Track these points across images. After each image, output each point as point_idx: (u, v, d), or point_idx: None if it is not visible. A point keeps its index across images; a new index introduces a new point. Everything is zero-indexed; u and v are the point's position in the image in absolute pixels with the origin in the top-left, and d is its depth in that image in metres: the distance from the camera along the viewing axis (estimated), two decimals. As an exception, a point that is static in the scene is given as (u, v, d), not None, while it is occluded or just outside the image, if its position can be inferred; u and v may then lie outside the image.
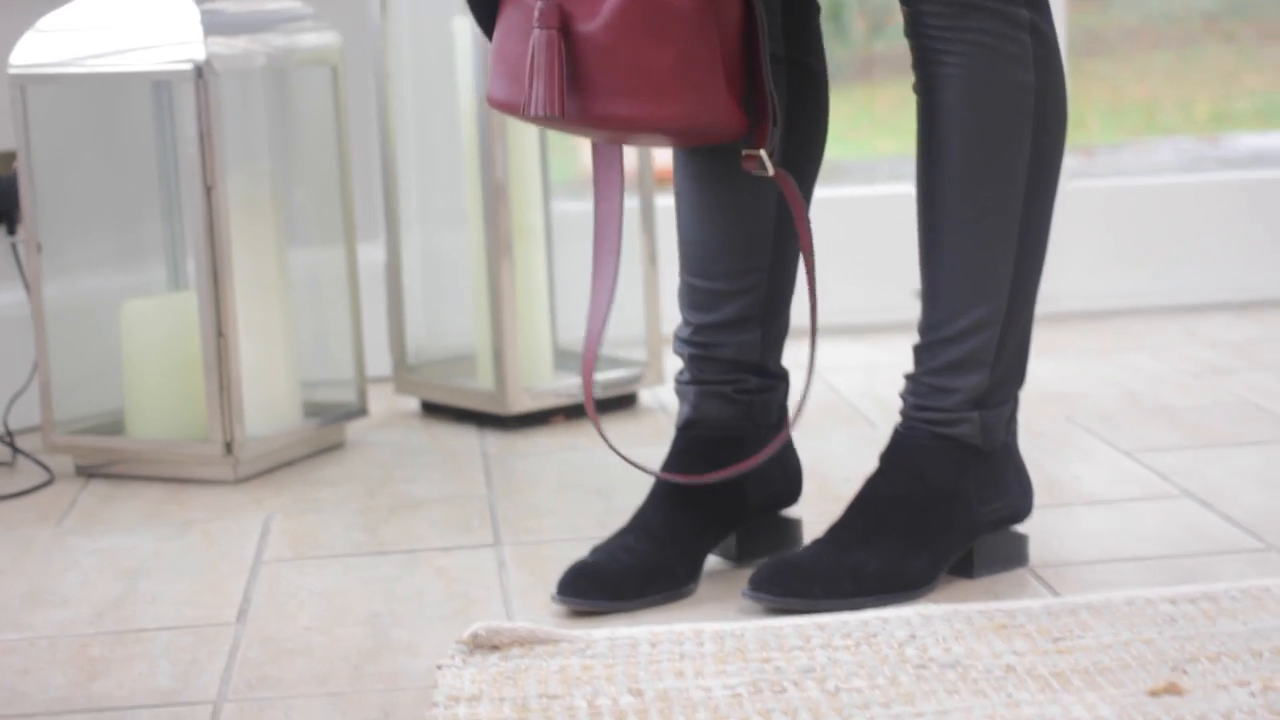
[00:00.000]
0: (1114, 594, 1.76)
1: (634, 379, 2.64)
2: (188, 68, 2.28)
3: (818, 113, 1.90)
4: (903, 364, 1.90)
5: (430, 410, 2.68)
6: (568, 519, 2.13)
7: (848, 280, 3.08)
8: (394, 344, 2.69)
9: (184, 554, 2.07)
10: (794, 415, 1.83)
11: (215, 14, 2.34)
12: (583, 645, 1.69)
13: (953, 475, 1.82)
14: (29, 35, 2.39)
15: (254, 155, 2.43)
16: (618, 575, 1.81)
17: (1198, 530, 2.00)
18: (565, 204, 2.74)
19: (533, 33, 1.69)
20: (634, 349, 2.66)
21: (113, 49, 2.34)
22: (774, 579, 1.78)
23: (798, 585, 1.77)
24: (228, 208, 2.31)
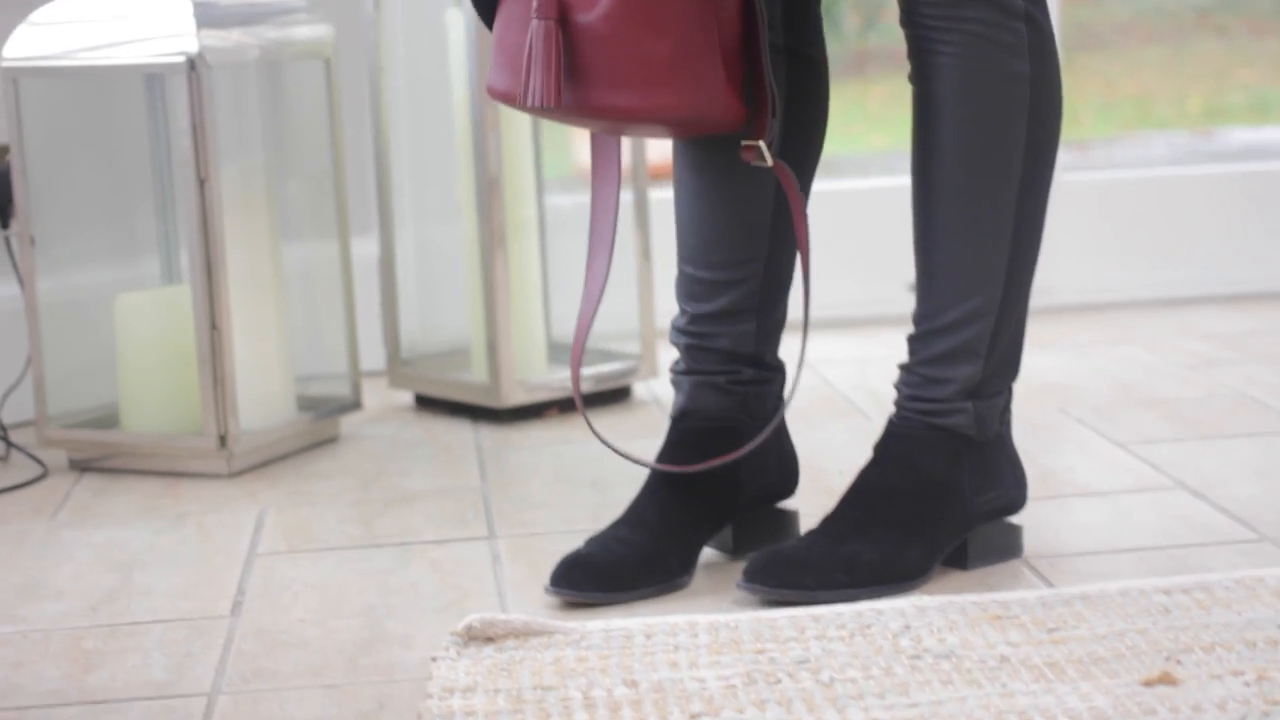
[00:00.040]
0: (1108, 585, 1.76)
1: (628, 372, 2.64)
2: (180, 60, 2.28)
3: (818, 104, 1.89)
4: (896, 357, 1.90)
5: (424, 404, 2.68)
6: (562, 512, 2.13)
7: (842, 273, 3.08)
8: (388, 338, 2.69)
9: (178, 547, 2.06)
10: (783, 406, 1.83)
11: (208, 7, 2.34)
12: (577, 637, 1.69)
13: (946, 466, 1.82)
14: (22, 28, 2.39)
15: (247, 148, 2.43)
16: (611, 567, 1.81)
17: (1191, 521, 2.00)
18: (559, 198, 2.73)
19: (531, 23, 1.69)
20: (628, 342, 2.66)
21: (106, 42, 2.33)
22: (768, 570, 1.78)
23: (792, 576, 1.77)
24: (221, 201, 2.31)
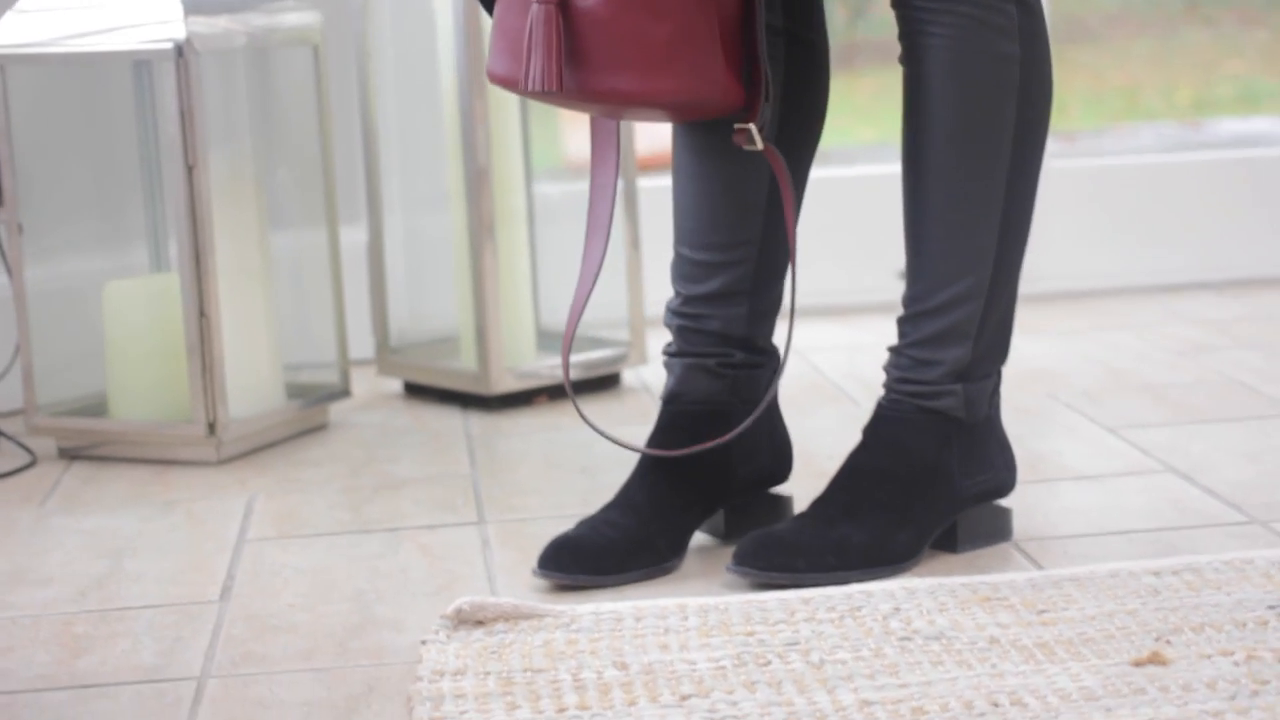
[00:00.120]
0: (1098, 567, 1.76)
1: (617, 359, 2.64)
2: (168, 47, 2.27)
3: (818, 89, 1.89)
4: (885, 344, 1.90)
5: (413, 391, 2.68)
6: (552, 497, 2.13)
7: (831, 260, 3.08)
8: (376, 326, 2.69)
9: (167, 533, 2.06)
10: (769, 390, 1.83)
11: (196, -7, 2.34)
12: (567, 620, 1.69)
13: (935, 448, 1.82)
14: (9, 15, 2.38)
15: (235, 136, 2.43)
16: (599, 549, 1.81)
17: (1181, 504, 2.00)
18: (548, 186, 2.73)
19: (531, 7, 1.69)
20: (617, 330, 2.66)
21: (93, 29, 2.33)
22: (758, 553, 1.78)
23: (781, 559, 1.77)
24: (209, 188, 2.31)
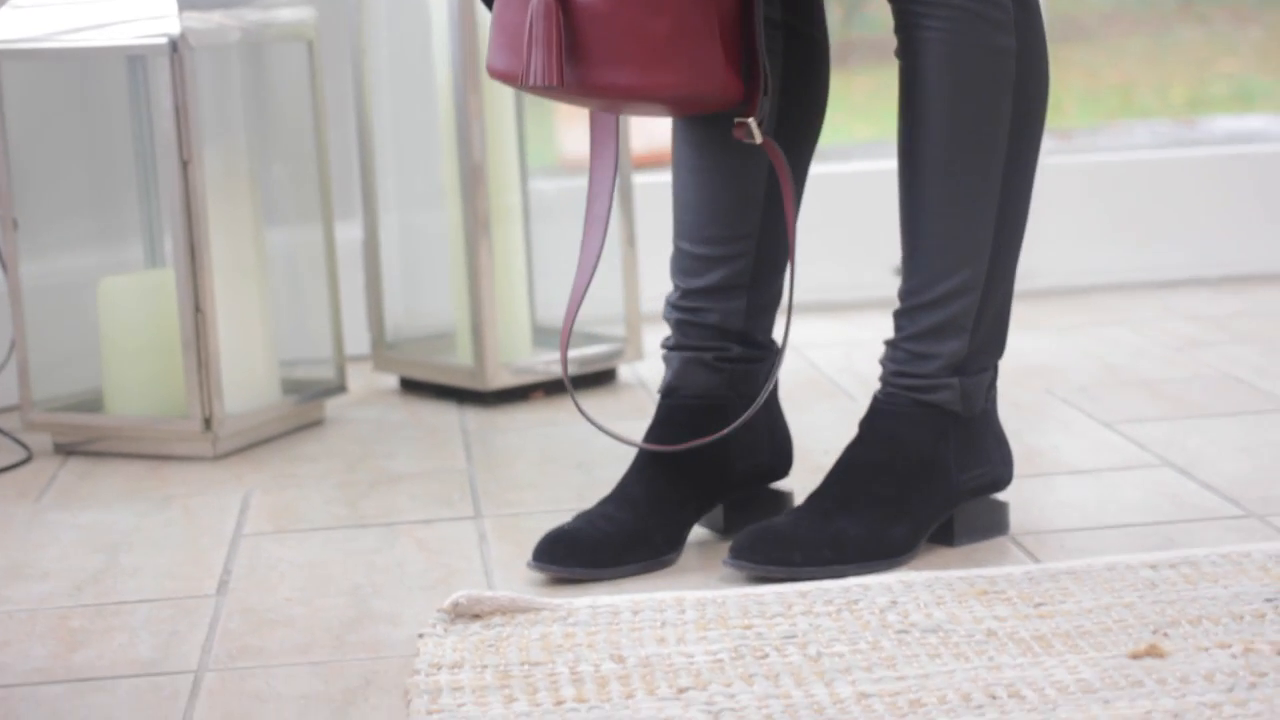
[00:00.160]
0: (1095, 560, 1.76)
1: (613, 354, 2.64)
2: (163, 42, 2.27)
3: (818, 84, 1.89)
4: (881, 340, 1.89)
5: (409, 387, 2.68)
6: (548, 492, 2.12)
7: (827, 257, 3.08)
8: (372, 322, 2.69)
9: (163, 528, 2.06)
10: (766, 385, 1.83)
11: (190, -11, 2.33)
12: (564, 613, 1.68)
13: (932, 442, 1.82)
14: (4, 11, 2.38)
15: (230, 131, 2.42)
16: (595, 543, 1.81)
17: (1177, 498, 2.00)
18: (543, 183, 2.73)
19: (531, 2, 1.69)
20: (613, 326, 2.66)
21: (87, 24, 2.33)
22: (755, 547, 1.78)
23: (778, 553, 1.77)
24: (204, 183, 2.31)
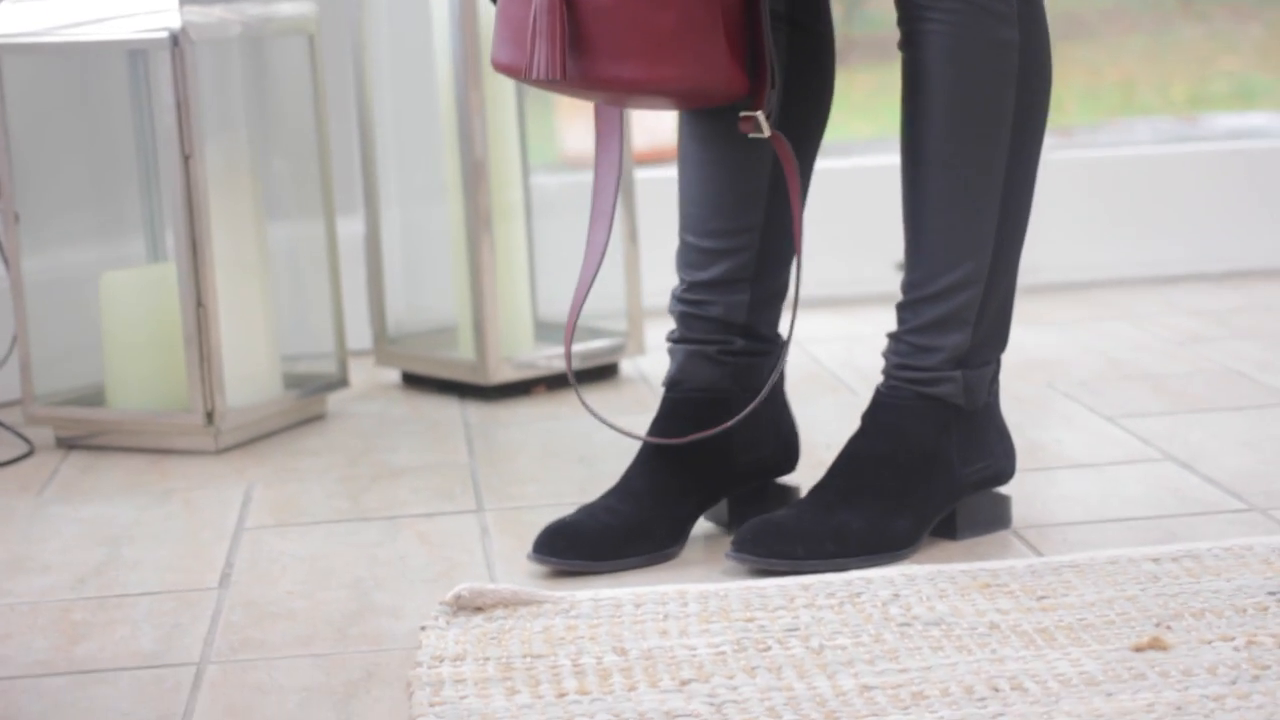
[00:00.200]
0: (1098, 553, 1.76)
1: (615, 349, 2.64)
2: (163, 36, 2.27)
3: (823, 78, 1.89)
4: (883, 335, 1.89)
5: (411, 381, 2.67)
6: (550, 485, 2.12)
7: (829, 252, 3.07)
8: (374, 316, 2.68)
9: (165, 522, 2.06)
10: (771, 379, 1.83)
11: (192, -18, 2.33)
12: (566, 606, 1.68)
13: (934, 435, 1.82)
14: (5, 5, 2.37)
15: (231, 125, 2.42)
16: (595, 535, 1.81)
17: (1180, 492, 2.00)
18: (545, 178, 2.73)
19: None
20: (615, 320, 2.66)
21: (89, 18, 2.32)
22: (757, 540, 1.77)
23: (781, 546, 1.77)
24: (206, 177, 2.30)
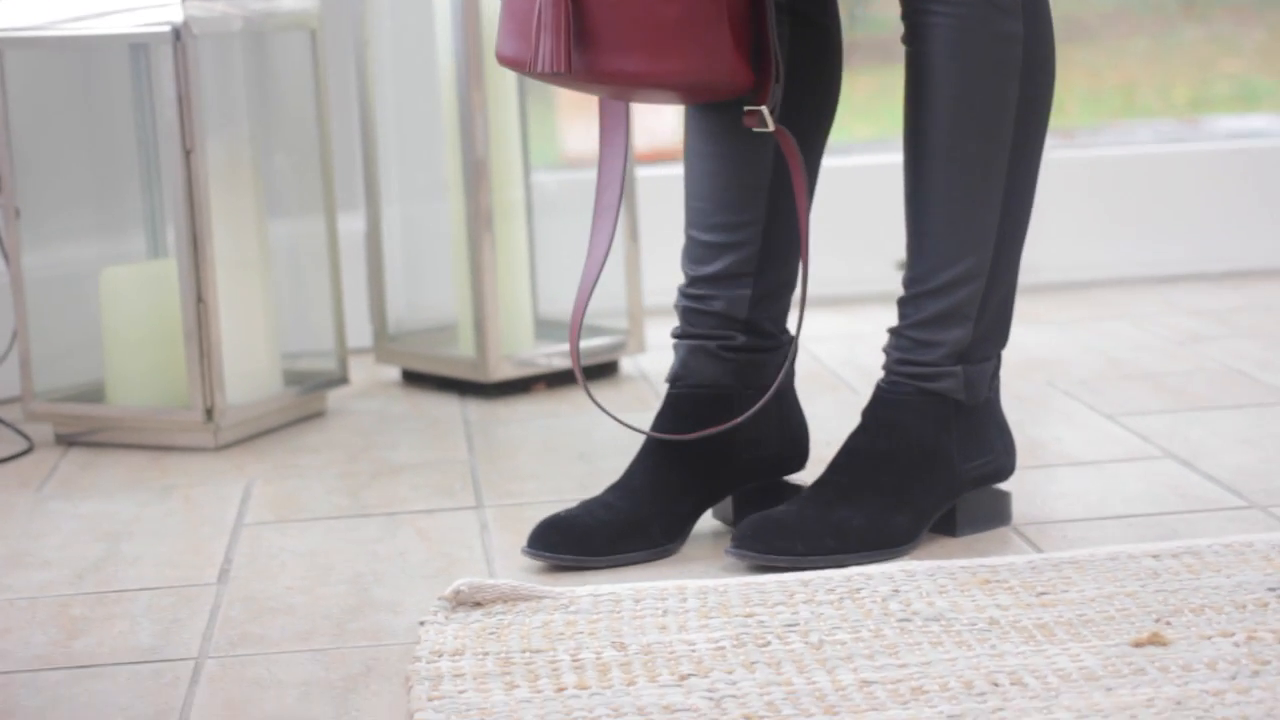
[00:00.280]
0: (1097, 550, 1.76)
1: (616, 347, 2.64)
2: (165, 30, 2.27)
3: (830, 72, 1.88)
4: (883, 334, 1.89)
5: (411, 379, 2.67)
6: (550, 482, 2.12)
7: (829, 251, 3.07)
8: (374, 314, 2.68)
9: (165, 518, 2.06)
10: (779, 378, 1.82)
11: (193, -23, 2.33)
12: (565, 601, 1.68)
13: (935, 431, 1.82)
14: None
15: (233, 121, 2.42)
16: (589, 530, 1.81)
17: (1180, 489, 1.99)
18: (547, 176, 2.73)
19: None
20: (616, 319, 2.66)
21: (90, 12, 2.32)
22: (757, 536, 1.77)
23: (780, 542, 1.77)
24: (207, 172, 2.30)
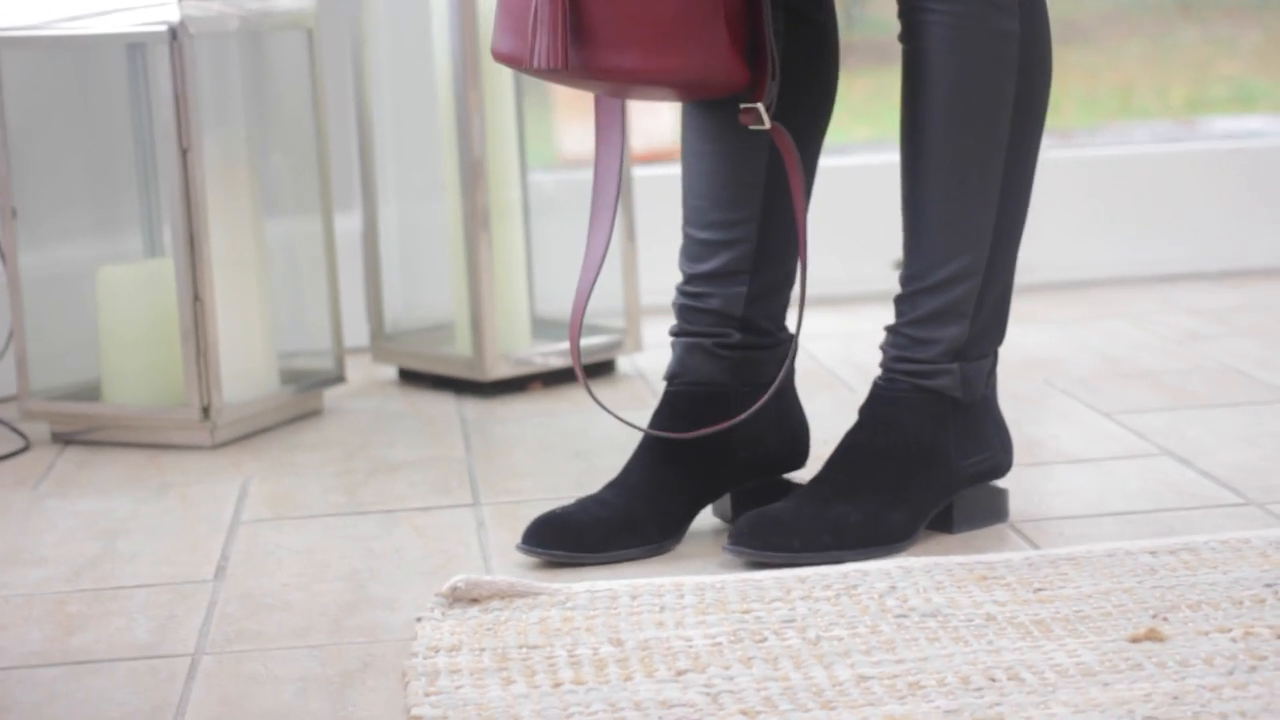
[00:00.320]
0: (1094, 546, 1.76)
1: (613, 345, 2.64)
2: (162, 29, 2.27)
3: (826, 70, 1.88)
4: (880, 333, 1.89)
5: (408, 378, 2.67)
6: (546, 480, 2.12)
7: (826, 251, 3.07)
8: (371, 313, 2.68)
9: (161, 515, 2.06)
10: (780, 376, 1.82)
11: (190, -24, 2.33)
12: (562, 598, 1.68)
13: (932, 428, 1.82)
14: (3, -1, 2.38)
15: (229, 120, 2.42)
16: (583, 527, 1.81)
17: (1177, 487, 1.99)
18: (542, 178, 2.72)
19: None
20: (613, 318, 2.66)
21: (87, 11, 2.32)
22: (754, 533, 1.77)
23: (777, 539, 1.77)
24: (203, 171, 2.30)
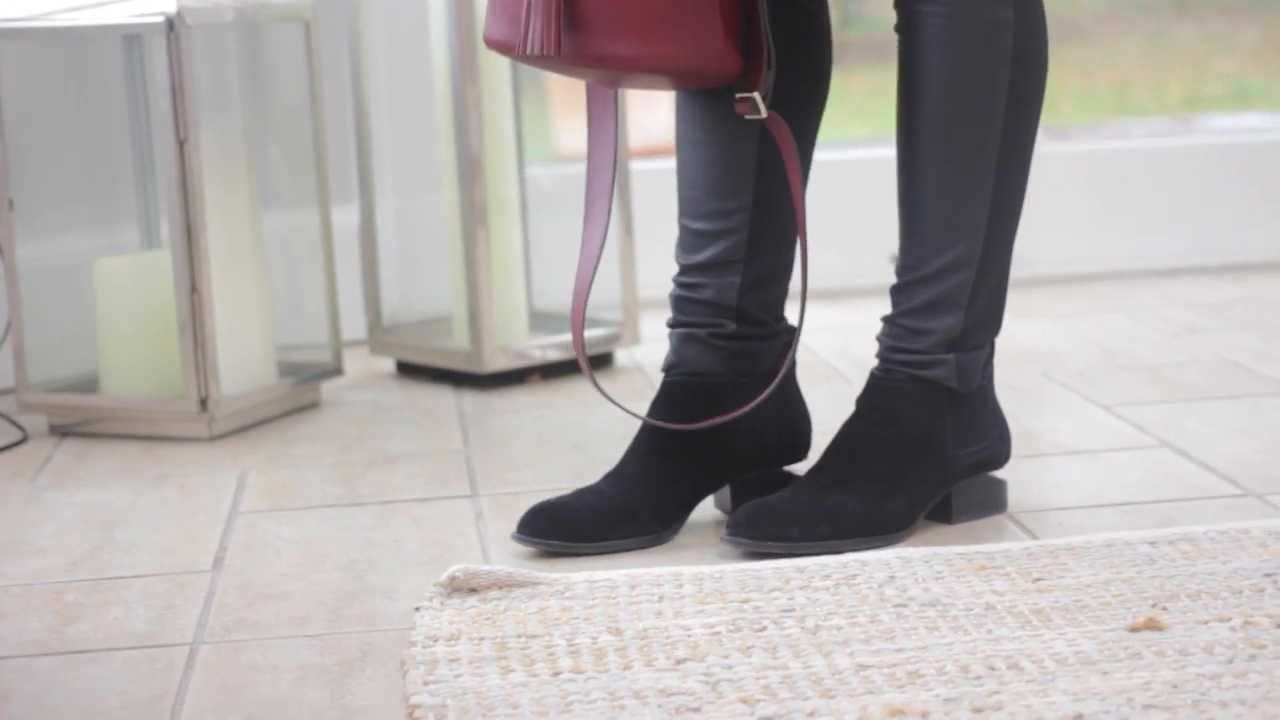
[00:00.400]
0: (1094, 536, 1.76)
1: (611, 338, 2.64)
2: (159, 20, 2.27)
3: (820, 58, 1.88)
4: (877, 325, 1.89)
5: (406, 370, 2.67)
6: (545, 471, 2.12)
7: (823, 245, 3.07)
8: (369, 306, 2.68)
9: (159, 506, 2.05)
10: (782, 370, 1.82)
11: (187, -32, 2.33)
12: (561, 588, 1.68)
13: (929, 418, 1.82)
14: (0, -9, 2.38)
15: (226, 112, 2.42)
16: (577, 517, 1.81)
17: (1176, 478, 1.99)
18: (540, 172, 2.72)
19: None
20: (610, 311, 2.66)
21: (84, 3, 2.32)
22: (752, 523, 1.77)
23: (776, 529, 1.77)
24: (201, 163, 2.30)
